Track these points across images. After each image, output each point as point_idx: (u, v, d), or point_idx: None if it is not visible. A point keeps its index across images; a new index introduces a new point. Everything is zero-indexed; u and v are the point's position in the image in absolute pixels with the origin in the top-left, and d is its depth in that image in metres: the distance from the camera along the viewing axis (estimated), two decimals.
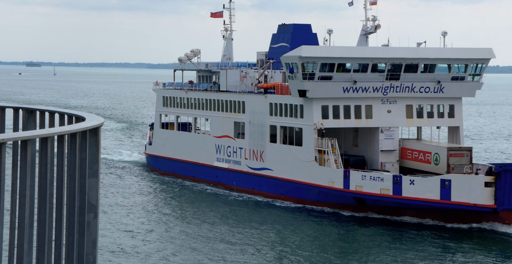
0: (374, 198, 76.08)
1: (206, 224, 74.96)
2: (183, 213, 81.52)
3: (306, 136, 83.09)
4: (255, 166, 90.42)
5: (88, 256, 9.41)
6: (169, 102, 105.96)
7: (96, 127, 9.33)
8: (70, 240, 9.22)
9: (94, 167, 9.38)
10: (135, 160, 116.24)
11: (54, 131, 8.70)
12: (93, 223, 9.42)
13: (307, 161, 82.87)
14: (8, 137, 7.92)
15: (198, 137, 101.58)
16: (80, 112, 10.10)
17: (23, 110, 10.45)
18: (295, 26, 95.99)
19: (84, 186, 9.24)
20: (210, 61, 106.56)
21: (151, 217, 79.21)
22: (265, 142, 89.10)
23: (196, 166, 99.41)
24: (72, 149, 9.06)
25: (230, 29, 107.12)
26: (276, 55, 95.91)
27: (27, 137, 8.20)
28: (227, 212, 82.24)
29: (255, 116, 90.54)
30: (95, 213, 9.44)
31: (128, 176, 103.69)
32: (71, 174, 9.10)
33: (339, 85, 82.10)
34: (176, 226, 74.43)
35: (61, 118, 9.99)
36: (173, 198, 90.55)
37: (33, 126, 10.32)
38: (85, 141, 9.18)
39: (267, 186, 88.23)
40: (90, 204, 9.35)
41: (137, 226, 74.12)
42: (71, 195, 9.12)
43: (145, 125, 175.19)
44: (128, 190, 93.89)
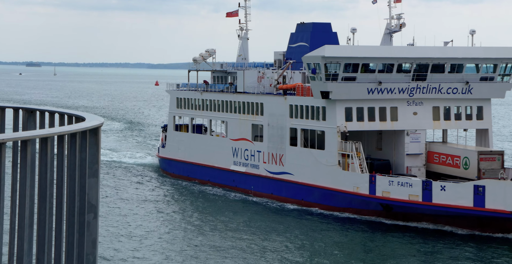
0: (402, 204, 72.03)
1: (223, 229, 71.05)
2: (197, 218, 77.63)
3: (329, 139, 79.05)
4: (274, 170, 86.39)
5: (88, 256, 9.27)
6: (184, 104, 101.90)
7: (96, 127, 9.22)
8: (70, 240, 9.10)
9: (94, 167, 9.25)
10: (147, 163, 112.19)
11: (54, 131, 8.60)
12: (93, 223, 9.28)
13: (330, 166, 78.83)
14: (8, 137, 7.82)
15: (213, 139, 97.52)
16: (80, 112, 9.93)
17: (23, 110, 10.39)
18: (314, 25, 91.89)
19: (84, 186, 9.12)
20: (225, 61, 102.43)
21: (164, 222, 75.50)
22: (285, 145, 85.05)
23: (212, 170, 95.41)
24: (72, 149, 8.95)
25: (245, 28, 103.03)
26: (294, 55, 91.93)
27: (27, 137, 8.10)
28: (245, 217, 78.39)
29: (274, 118, 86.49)
30: (95, 213, 9.30)
31: (140, 179, 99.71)
32: (71, 174, 8.98)
33: (363, 86, 78.07)
34: (190, 232, 70.66)
35: (61, 118, 9.90)
36: (188, 202, 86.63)
37: (33, 126, 10.24)
38: (85, 141, 9.07)
39: (287, 191, 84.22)
40: (90, 204, 9.22)
41: (147, 231, 70.60)
42: (71, 195, 9.01)
43: (152, 126, 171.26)
44: (141, 194, 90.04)
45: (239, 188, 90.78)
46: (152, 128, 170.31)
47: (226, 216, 78.28)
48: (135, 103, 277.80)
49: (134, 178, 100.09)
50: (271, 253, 63.15)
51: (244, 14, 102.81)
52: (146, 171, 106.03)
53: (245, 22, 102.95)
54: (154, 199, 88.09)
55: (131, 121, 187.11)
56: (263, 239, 67.99)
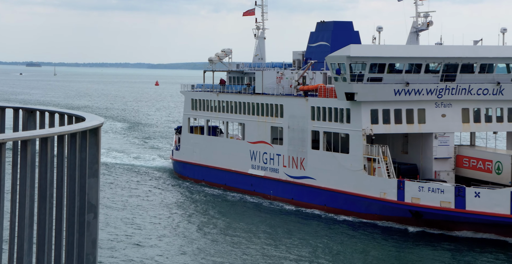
0: (433, 211, 67.89)
1: (239, 234, 67.07)
2: (213, 223, 73.73)
3: (354, 142, 74.91)
4: (295, 174, 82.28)
5: (88, 256, 9.14)
6: (199, 105, 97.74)
7: (96, 127, 9.10)
8: (70, 240, 8.98)
9: (94, 167, 9.12)
10: (160, 166, 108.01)
11: (54, 131, 8.51)
12: (93, 223, 9.14)
13: (354, 170, 74.72)
14: (8, 137, 7.72)
15: (230, 142, 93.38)
16: (80, 112, 9.79)
17: (23, 110, 10.29)
18: (335, 23, 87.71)
19: (84, 186, 9.01)
20: (242, 62, 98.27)
21: (178, 226, 72.24)
22: (306, 148, 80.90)
23: (229, 174, 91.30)
24: (72, 149, 8.85)
25: (262, 28, 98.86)
26: (314, 55, 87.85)
27: (27, 137, 8.01)
28: (263, 223, 74.48)
29: (294, 120, 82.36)
30: (95, 213, 9.16)
31: (155, 182, 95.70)
32: (71, 174, 8.87)
33: (390, 87, 73.95)
34: (203, 237, 66.95)
35: (61, 118, 9.80)
36: (203, 206, 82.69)
37: (33, 126, 10.14)
38: (85, 141, 8.96)
39: (308, 196, 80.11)
40: (90, 204, 9.10)
41: (159, 236, 67.16)
42: (71, 195, 8.91)
43: (154, 126, 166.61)
44: (155, 197, 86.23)
45: (257, 192, 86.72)
46: (155, 128, 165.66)
47: (243, 222, 74.38)
48: (136, 103, 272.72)
49: (148, 181, 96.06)
50: (291, 262, 59.18)
51: (260, 12, 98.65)
52: (160, 174, 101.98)
53: (261, 21, 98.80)
54: (168, 202, 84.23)
55: (133, 122, 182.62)
56: (285, 247, 64.12)
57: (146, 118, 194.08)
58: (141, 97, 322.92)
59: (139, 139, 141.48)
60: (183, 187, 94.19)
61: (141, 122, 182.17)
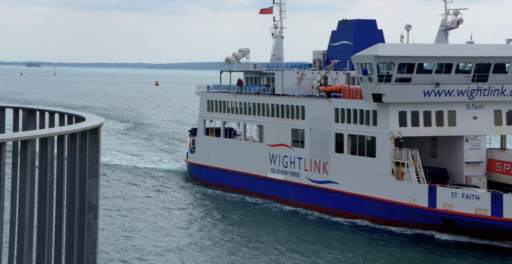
0: (467, 219, 63.68)
1: (258, 241, 63.02)
2: (230, 229, 69.86)
3: (381, 146, 70.73)
4: (317, 178, 78.08)
5: (88, 256, 9.05)
6: (215, 107, 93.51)
7: (96, 127, 9.01)
8: (70, 240, 8.91)
9: (94, 167, 9.02)
10: (173, 169, 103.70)
11: (54, 131, 8.45)
12: (93, 223, 9.04)
13: (382, 175, 70.54)
14: (8, 137, 7.66)
15: (248, 145, 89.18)
16: (80, 112, 9.68)
17: (23, 110, 10.23)
18: (358, 22, 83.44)
19: (84, 186, 8.92)
20: (260, 61, 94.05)
21: (193, 230, 69.03)
22: (329, 152, 76.70)
23: (247, 177, 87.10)
24: (72, 149, 8.77)
25: (280, 27, 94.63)
26: (336, 55, 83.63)
27: (27, 137, 7.94)
28: (284, 229, 70.58)
29: (317, 122, 78.16)
30: (95, 213, 9.06)
31: (168, 186, 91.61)
32: (71, 174, 8.80)
33: (419, 88, 69.81)
34: (220, 244, 63.11)
35: (61, 118, 9.71)
36: (219, 211, 78.78)
37: (33, 126, 10.08)
38: (85, 141, 8.88)
39: (332, 202, 75.94)
40: (90, 204, 9.00)
41: (171, 241, 63.70)
42: (71, 195, 8.84)
43: (157, 127, 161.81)
44: (169, 201, 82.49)
45: (277, 197, 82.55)
46: (157, 129, 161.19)
47: (263, 228, 70.48)
48: (137, 103, 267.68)
49: (162, 185, 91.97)
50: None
51: (278, 11, 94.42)
52: (174, 177, 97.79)
53: (279, 20, 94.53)
54: (183, 206, 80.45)
55: (135, 122, 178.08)
56: (310, 254, 60.15)
57: (149, 119, 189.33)
58: (142, 97, 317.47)
59: (147, 140, 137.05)
60: (198, 190, 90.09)
61: (149, 123, 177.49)
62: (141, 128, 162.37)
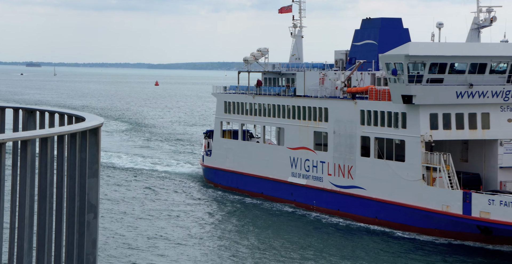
0: (506, 227, 59.47)
1: (280, 247, 59.08)
2: (248, 236, 66.20)
3: (410, 149, 66.59)
4: (341, 183, 73.95)
5: (88, 256, 8.94)
6: (233, 108, 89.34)
7: (96, 127, 8.91)
8: (70, 240, 8.81)
9: (94, 167, 8.90)
10: (187, 172, 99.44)
11: (54, 131, 8.36)
12: (93, 223, 8.93)
13: (411, 180, 66.41)
14: (8, 137, 7.59)
15: (268, 148, 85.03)
16: (80, 112, 9.57)
17: (23, 110, 10.12)
18: (383, 20, 79.24)
19: (84, 186, 8.81)
20: (279, 62, 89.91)
21: (210, 237, 65.12)
22: (354, 155, 72.57)
23: (266, 182, 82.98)
24: (72, 149, 8.69)
25: (300, 26, 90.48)
26: (360, 54, 79.50)
27: (27, 137, 7.86)
28: (306, 237, 66.75)
29: (341, 125, 74.02)
30: (95, 213, 8.94)
31: (183, 190, 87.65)
32: (71, 174, 8.71)
33: (451, 89, 65.70)
34: (238, 251, 59.20)
35: (61, 118, 9.62)
36: (237, 217, 75.16)
37: (33, 126, 9.97)
38: (85, 141, 8.77)
39: (357, 208, 71.83)
40: (90, 204, 8.89)
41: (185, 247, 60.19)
42: (71, 195, 8.73)
43: (160, 128, 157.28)
44: (184, 206, 78.64)
45: (299, 202, 78.44)
46: (160, 130, 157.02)
47: (284, 235, 66.67)
48: (137, 103, 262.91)
49: (177, 188, 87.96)
50: None
51: (298, 9, 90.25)
52: (189, 181, 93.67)
53: (299, 19, 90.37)
54: (199, 210, 76.82)
55: (137, 123, 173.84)
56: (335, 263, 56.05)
57: (151, 119, 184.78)
58: (142, 97, 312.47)
59: (157, 142, 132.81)
60: (214, 194, 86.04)
61: (148, 123, 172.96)
62: (151, 130, 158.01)
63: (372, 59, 77.12)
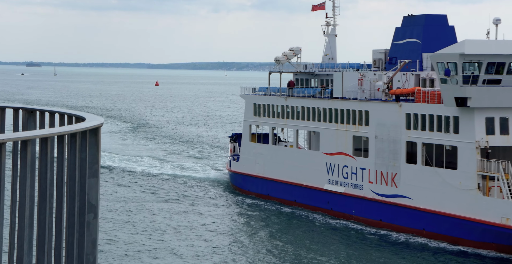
0: None
1: (316, 261, 52.80)
2: (280, 246, 60.52)
3: (464, 156, 60.16)
4: (384, 192, 67.53)
5: (88, 256, 8.73)
6: (263, 111, 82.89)
7: (96, 127, 8.71)
8: (70, 240, 8.62)
9: (94, 167, 8.70)
10: (212, 177, 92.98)
11: (54, 131, 8.17)
12: (93, 223, 8.74)
13: (465, 190, 59.92)
14: (8, 137, 7.42)
15: (302, 153, 78.62)
16: (80, 112, 9.37)
17: (23, 110, 9.90)
18: (427, 17, 72.72)
19: (84, 186, 8.61)
20: (312, 62, 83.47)
21: (239, 245, 59.53)
22: (399, 162, 66.12)
23: (299, 189, 76.60)
24: (72, 149, 8.49)
25: (333, 24, 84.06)
26: (401, 54, 73.06)
27: (27, 137, 7.68)
28: (344, 248, 60.82)
29: (384, 129, 67.59)
30: (95, 213, 8.74)
31: (209, 196, 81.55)
32: (71, 174, 8.50)
33: (510, 91, 59.40)
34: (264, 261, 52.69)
35: (61, 118, 9.41)
36: (267, 226, 69.55)
37: (33, 126, 9.76)
38: (85, 141, 8.57)
39: (402, 218, 65.43)
40: (90, 204, 8.69)
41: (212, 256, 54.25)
42: (71, 195, 8.53)
43: (162, 128, 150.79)
44: (210, 214, 72.76)
45: (336, 211, 72.08)
46: (164, 130, 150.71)
47: (320, 247, 61.06)
48: (138, 103, 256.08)
49: (203, 195, 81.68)
50: None
51: (332, 7, 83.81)
52: (215, 187, 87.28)
53: (332, 16, 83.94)
54: (226, 219, 71.32)
55: (139, 123, 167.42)
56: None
57: (153, 119, 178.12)
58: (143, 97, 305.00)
59: (177, 146, 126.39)
60: (243, 202, 79.75)
61: (152, 124, 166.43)
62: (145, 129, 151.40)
63: (415, 59, 70.73)
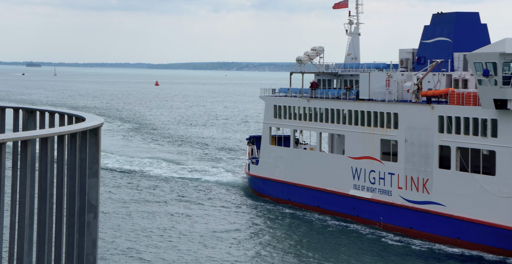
0: None
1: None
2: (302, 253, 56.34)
3: (503, 162, 56.20)
4: (414, 198, 63.51)
5: (88, 256, 8.70)
6: (284, 113, 78.87)
7: (96, 127, 8.66)
8: (70, 240, 8.60)
9: (94, 167, 8.67)
10: (227, 181, 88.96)
11: (54, 131, 8.12)
12: (93, 223, 8.71)
13: (504, 197, 55.90)
14: (8, 137, 7.36)
15: (325, 157, 74.57)
16: (80, 112, 9.34)
17: (23, 110, 9.87)
18: (458, 15, 68.68)
19: (84, 186, 8.58)
20: (335, 62, 79.43)
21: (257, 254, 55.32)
22: (431, 167, 62.11)
23: (323, 194, 72.63)
24: (72, 149, 8.44)
25: (356, 22, 79.99)
26: (430, 53, 69.06)
27: (27, 137, 7.63)
28: (372, 257, 56.70)
29: (415, 132, 63.57)
30: (95, 213, 8.71)
31: (227, 201, 77.78)
32: (71, 174, 8.47)
33: None
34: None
35: (61, 118, 9.40)
36: (288, 232, 65.83)
37: (33, 126, 9.74)
38: (85, 141, 8.54)
39: (435, 226, 61.46)
40: (90, 204, 8.66)
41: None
42: (71, 195, 8.50)
43: (164, 129, 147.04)
44: (225, 219, 68.53)
45: (362, 218, 68.11)
46: (166, 131, 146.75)
47: (345, 256, 57.24)
48: (138, 103, 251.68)
49: (220, 199, 77.76)
50: None
51: (355, 4, 79.77)
52: (232, 191, 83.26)
53: (356, 15, 79.90)
54: (246, 225, 67.42)
55: (141, 123, 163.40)
56: None
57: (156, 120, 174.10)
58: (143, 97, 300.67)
59: (187, 147, 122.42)
60: (263, 207, 75.89)
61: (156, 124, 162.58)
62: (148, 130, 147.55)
63: (446, 58, 66.70)
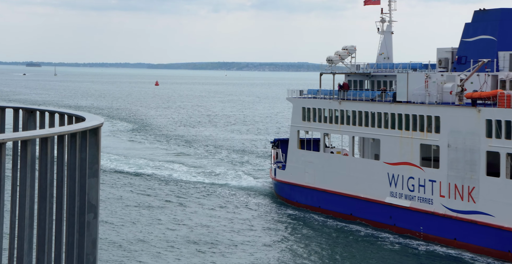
0: None
1: None
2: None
3: None
4: (459, 207, 58.48)
5: (88, 256, 8.60)
6: (313, 116, 73.86)
7: (96, 127, 8.55)
8: (70, 240, 8.50)
9: (94, 167, 8.58)
10: (249, 186, 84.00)
11: (54, 131, 8.00)
12: (93, 223, 8.62)
13: None
14: (8, 137, 7.25)
15: (359, 162, 69.54)
16: (80, 112, 9.23)
17: (23, 110, 9.75)
18: (503, 11, 63.56)
19: (84, 186, 8.48)
20: (367, 62, 74.39)
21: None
22: (478, 174, 57.03)
23: (357, 201, 67.66)
24: (72, 149, 8.35)
25: (389, 20, 74.89)
26: (472, 52, 63.98)
27: (27, 137, 7.52)
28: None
29: (459, 137, 58.51)
30: (95, 213, 8.60)
31: (251, 207, 72.97)
32: (71, 174, 8.38)
33: None
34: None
35: (61, 118, 9.30)
36: (319, 241, 61.27)
37: (33, 126, 9.63)
38: (85, 141, 8.43)
39: (481, 238, 56.47)
40: (90, 204, 8.55)
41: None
42: (71, 195, 8.40)
43: (164, 129, 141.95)
44: (248, 225, 64.65)
45: (400, 227, 63.12)
46: (167, 131, 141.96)
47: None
48: (139, 103, 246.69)
49: (245, 205, 72.86)
50: None
51: (388, 1, 74.69)
52: (256, 197, 78.39)
53: (388, 12, 74.80)
54: (272, 232, 62.83)
55: (143, 124, 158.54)
56: None
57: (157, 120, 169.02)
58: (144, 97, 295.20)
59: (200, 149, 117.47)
60: (290, 214, 71.10)
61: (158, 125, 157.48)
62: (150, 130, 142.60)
63: (490, 58, 61.59)
